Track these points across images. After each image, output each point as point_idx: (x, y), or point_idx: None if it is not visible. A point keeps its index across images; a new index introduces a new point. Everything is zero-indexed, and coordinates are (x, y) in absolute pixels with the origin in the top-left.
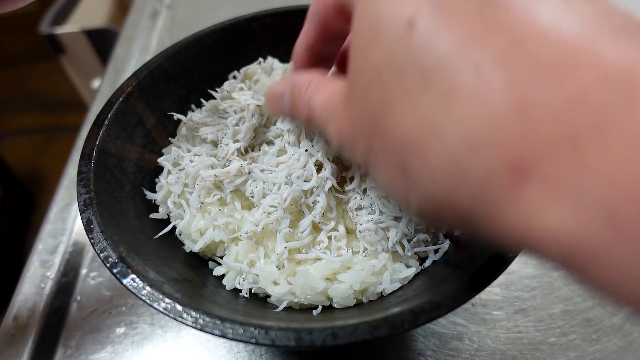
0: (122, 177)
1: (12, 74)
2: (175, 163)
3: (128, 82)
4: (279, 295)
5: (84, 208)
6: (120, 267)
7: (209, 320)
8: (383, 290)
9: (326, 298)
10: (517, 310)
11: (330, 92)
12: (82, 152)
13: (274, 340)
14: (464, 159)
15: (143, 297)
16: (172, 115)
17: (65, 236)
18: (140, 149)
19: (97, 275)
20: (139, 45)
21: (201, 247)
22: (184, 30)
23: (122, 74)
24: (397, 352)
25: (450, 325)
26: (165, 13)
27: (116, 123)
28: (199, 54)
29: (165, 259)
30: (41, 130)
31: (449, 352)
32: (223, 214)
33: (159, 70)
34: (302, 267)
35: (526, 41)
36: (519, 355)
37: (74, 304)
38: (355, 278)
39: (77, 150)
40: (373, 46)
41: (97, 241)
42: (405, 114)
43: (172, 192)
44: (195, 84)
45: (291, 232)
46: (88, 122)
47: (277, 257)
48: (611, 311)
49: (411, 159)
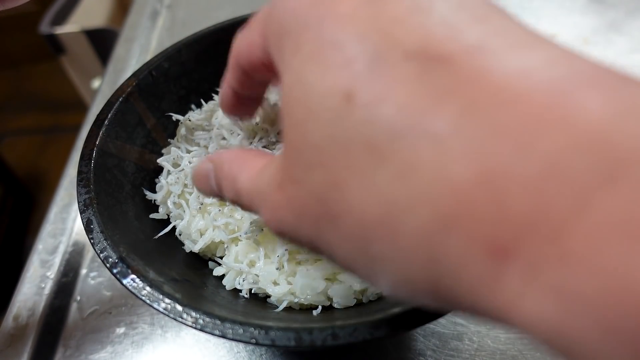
0: (122, 177)
1: (12, 74)
2: (174, 163)
3: (128, 82)
4: (279, 296)
5: (84, 208)
6: (120, 267)
7: (209, 321)
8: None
9: (326, 298)
10: None
11: (255, 170)
12: (82, 152)
13: (274, 340)
14: (437, 238)
15: (143, 297)
16: (172, 115)
17: (65, 236)
18: (140, 149)
19: (97, 275)
20: (139, 45)
21: (201, 248)
22: (184, 30)
23: (122, 74)
24: (397, 352)
25: (450, 325)
26: (165, 13)
27: (116, 123)
28: (199, 54)
29: (165, 259)
30: (41, 131)
31: (449, 352)
32: (223, 214)
33: (159, 70)
34: (302, 267)
35: (482, 102)
36: (519, 355)
37: (74, 304)
38: (355, 278)
39: (77, 150)
40: (310, 123)
41: (97, 241)
42: (360, 195)
43: (172, 192)
44: (195, 84)
45: None
46: (88, 122)
47: (277, 259)
48: None
49: (375, 243)
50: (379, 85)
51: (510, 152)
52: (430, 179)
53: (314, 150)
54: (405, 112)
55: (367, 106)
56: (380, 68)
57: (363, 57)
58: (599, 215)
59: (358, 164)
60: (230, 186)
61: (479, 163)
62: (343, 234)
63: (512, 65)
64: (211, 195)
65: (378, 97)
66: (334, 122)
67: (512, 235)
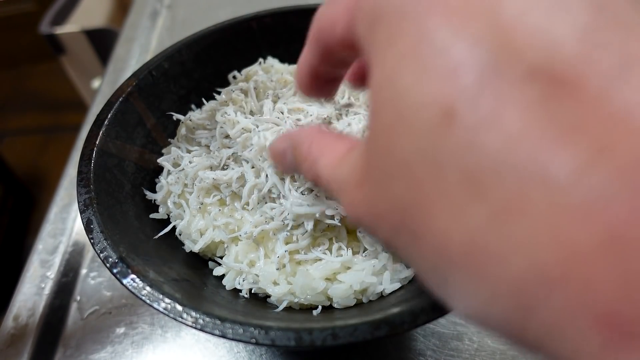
0: (122, 177)
1: (12, 74)
2: (175, 163)
3: (128, 82)
4: (279, 296)
5: (84, 208)
6: (120, 267)
7: (209, 320)
8: (383, 290)
9: (326, 298)
10: None
11: (336, 157)
12: (82, 152)
13: (274, 340)
14: (532, 293)
15: (143, 297)
16: (172, 115)
17: (65, 236)
18: (140, 149)
19: (97, 275)
20: (139, 45)
21: (201, 247)
22: (184, 30)
23: (122, 74)
24: (397, 352)
25: (450, 325)
26: (165, 13)
27: (116, 123)
28: (199, 54)
29: (165, 259)
30: (41, 130)
31: (449, 352)
32: (223, 214)
33: (159, 70)
34: (302, 267)
35: (618, 147)
36: (519, 355)
37: (74, 304)
38: (355, 278)
39: (77, 150)
40: (400, 130)
41: (97, 241)
42: (447, 224)
43: (172, 192)
44: (195, 84)
45: (291, 234)
46: (88, 122)
47: (277, 259)
48: None
49: (455, 272)
50: (489, 107)
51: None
52: (537, 229)
53: (401, 161)
54: (518, 145)
55: (471, 130)
56: (493, 84)
57: (473, 67)
58: None
59: (450, 191)
60: (309, 168)
61: (606, 224)
62: (421, 252)
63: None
64: (287, 172)
65: (486, 120)
66: (428, 139)
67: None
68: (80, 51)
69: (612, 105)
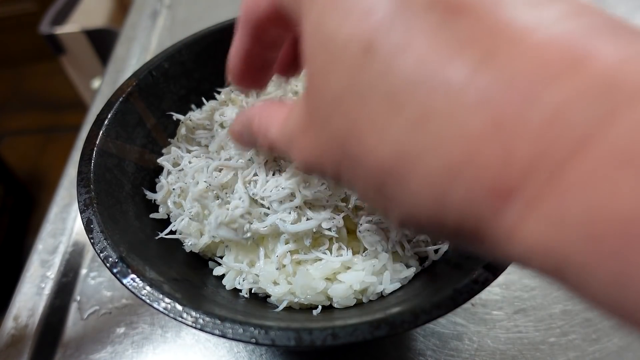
0: (122, 177)
1: (12, 74)
2: (175, 163)
3: (128, 82)
4: (279, 295)
5: (84, 208)
6: (120, 267)
7: (209, 320)
8: (383, 290)
9: (326, 298)
10: (517, 310)
11: (281, 118)
12: (82, 152)
13: (274, 340)
14: (445, 184)
15: (143, 297)
16: (172, 115)
17: (65, 236)
18: (140, 149)
19: (97, 275)
20: (139, 45)
21: (201, 247)
22: (184, 30)
23: (122, 74)
24: (397, 352)
25: (450, 325)
26: (165, 13)
27: (116, 123)
28: (199, 54)
29: (165, 259)
30: (41, 130)
31: (449, 352)
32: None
33: (159, 70)
34: (302, 267)
35: (499, 53)
36: (518, 355)
37: (74, 304)
38: (355, 278)
39: (77, 150)
40: (330, 70)
41: (97, 241)
42: (376, 142)
43: (172, 192)
44: (195, 84)
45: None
46: (88, 122)
47: (277, 259)
48: None
49: (389, 185)
50: (399, 36)
51: (521, 100)
52: (441, 128)
53: (335, 98)
54: (424, 63)
55: (386, 56)
56: (401, 18)
57: (384, 6)
58: (597, 151)
59: (375, 113)
60: (264, 139)
61: (490, 110)
62: (361, 175)
63: (531, 17)
64: (248, 148)
65: (398, 48)
66: (353, 72)
67: (515, 177)
68: (80, 51)
69: (496, 22)
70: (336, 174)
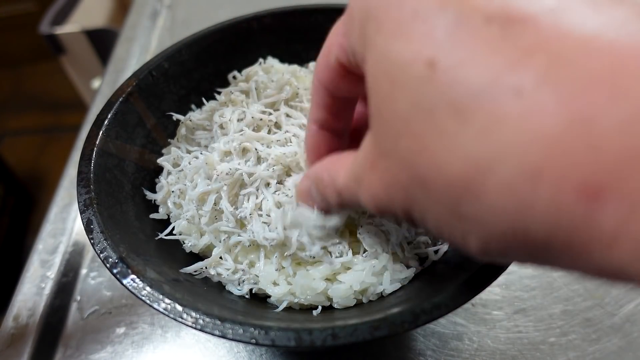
0: (122, 177)
1: (12, 74)
2: (174, 163)
3: (128, 82)
4: (279, 296)
5: (84, 208)
6: (120, 267)
7: (209, 321)
8: (383, 291)
9: (326, 298)
10: (517, 310)
11: (347, 164)
12: (82, 152)
13: (274, 340)
14: (526, 189)
15: (143, 297)
16: (172, 115)
17: (65, 236)
18: (140, 149)
19: (97, 275)
20: (139, 45)
21: (201, 248)
22: (184, 30)
23: (122, 74)
24: (397, 352)
25: (450, 325)
26: (165, 13)
27: (116, 123)
28: (199, 54)
29: (165, 259)
30: (41, 130)
31: (449, 352)
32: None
33: (159, 70)
34: (302, 267)
35: (568, 56)
36: (518, 355)
37: (74, 304)
38: (355, 278)
39: (77, 150)
40: (396, 93)
41: (97, 241)
42: (446, 156)
43: (172, 192)
44: (195, 84)
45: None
46: (88, 122)
47: (276, 259)
48: (611, 311)
49: (464, 201)
50: (461, 49)
51: (604, 98)
52: (515, 132)
53: (401, 119)
54: (487, 70)
55: (449, 70)
56: (461, 33)
57: (444, 25)
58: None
59: (442, 127)
60: (331, 190)
61: (570, 110)
62: (433, 197)
63: (597, 21)
64: (322, 209)
65: (460, 60)
66: (419, 89)
67: (608, 172)
68: (80, 51)
69: (559, 28)
70: (406, 205)
